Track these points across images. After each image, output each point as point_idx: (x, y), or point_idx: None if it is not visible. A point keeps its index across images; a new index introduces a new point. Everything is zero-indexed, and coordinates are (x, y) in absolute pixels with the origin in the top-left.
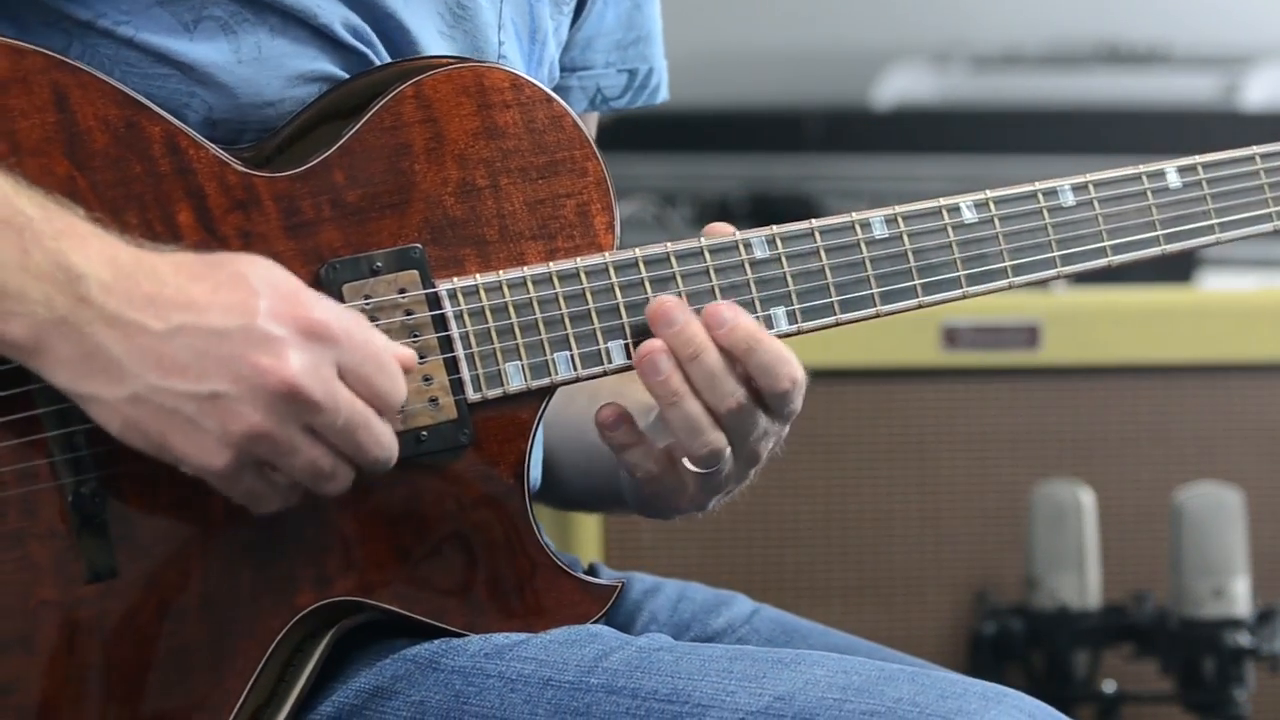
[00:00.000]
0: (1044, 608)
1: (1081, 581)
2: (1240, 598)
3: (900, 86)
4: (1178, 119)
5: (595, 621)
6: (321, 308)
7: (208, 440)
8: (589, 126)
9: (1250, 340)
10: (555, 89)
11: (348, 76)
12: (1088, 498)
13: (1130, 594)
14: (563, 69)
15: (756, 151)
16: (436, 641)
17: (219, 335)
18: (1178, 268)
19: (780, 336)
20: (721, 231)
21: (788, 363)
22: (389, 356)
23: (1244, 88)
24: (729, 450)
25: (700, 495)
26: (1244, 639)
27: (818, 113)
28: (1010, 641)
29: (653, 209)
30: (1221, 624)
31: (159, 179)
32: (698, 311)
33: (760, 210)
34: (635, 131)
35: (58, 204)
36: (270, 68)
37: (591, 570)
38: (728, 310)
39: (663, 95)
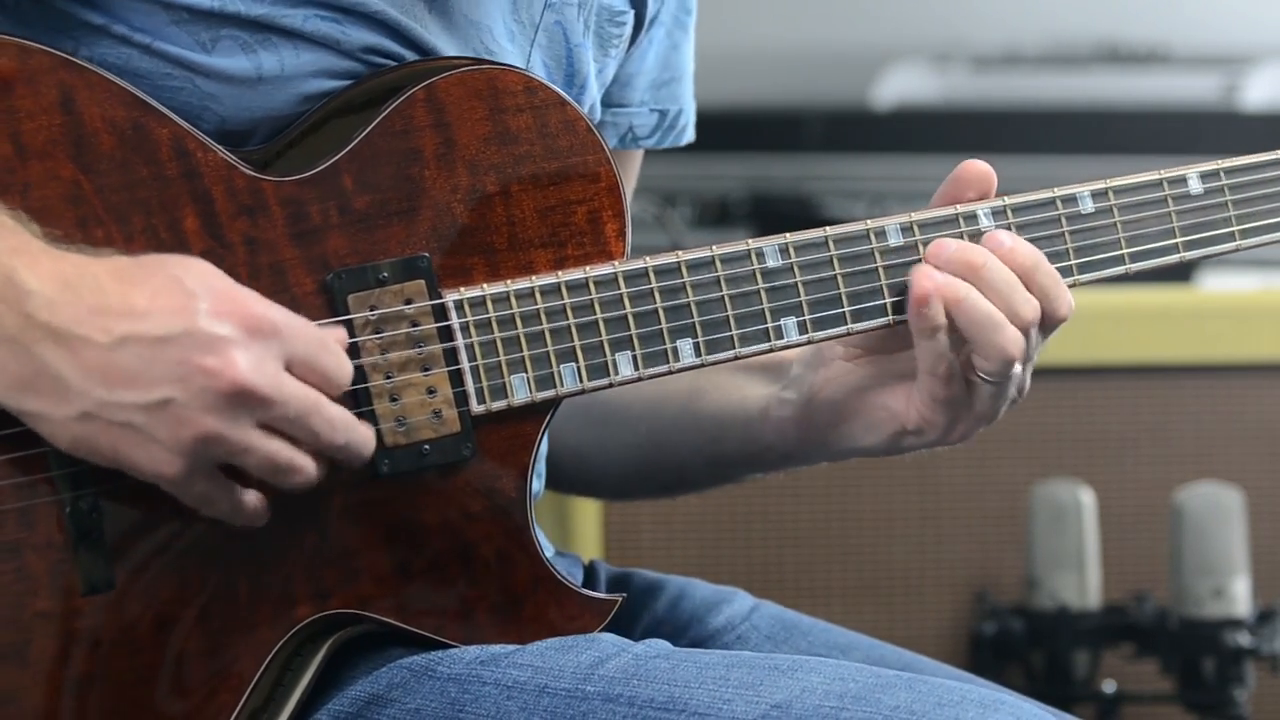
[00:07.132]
0: (1044, 608)
1: (1081, 581)
2: (1240, 598)
3: (900, 87)
4: (1178, 119)
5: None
6: (259, 302)
7: (159, 450)
8: (633, 164)
9: (1250, 340)
10: None
11: None
12: (1088, 498)
13: (1130, 594)
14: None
15: (756, 151)
16: (433, 649)
17: (163, 342)
18: (1178, 268)
19: (789, 347)
20: None
21: (1063, 285)
22: (329, 336)
23: (1244, 88)
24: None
25: (979, 416)
26: (1244, 639)
27: (818, 113)
28: (1010, 641)
29: (653, 209)
30: (1221, 624)
31: (166, 183)
32: None
33: (760, 210)
34: None
35: (14, 220)
36: (293, 86)
37: (591, 568)
38: (1005, 235)
39: (689, 136)
